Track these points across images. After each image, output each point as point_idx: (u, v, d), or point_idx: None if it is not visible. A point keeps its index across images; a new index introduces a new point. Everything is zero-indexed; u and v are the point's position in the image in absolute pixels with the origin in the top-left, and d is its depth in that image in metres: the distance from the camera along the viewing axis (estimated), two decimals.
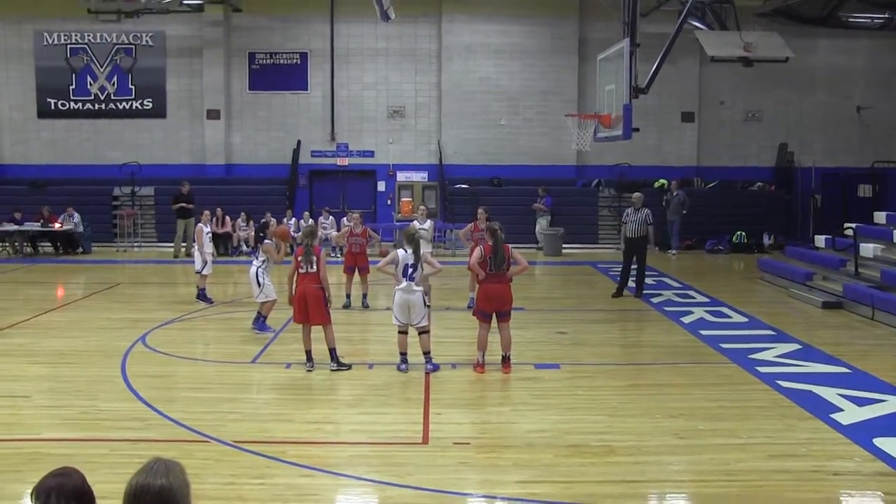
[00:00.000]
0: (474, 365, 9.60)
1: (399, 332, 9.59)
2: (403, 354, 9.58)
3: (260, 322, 11.68)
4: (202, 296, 13.93)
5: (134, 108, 24.57)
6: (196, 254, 13.96)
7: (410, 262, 9.42)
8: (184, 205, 20.90)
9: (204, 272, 13.85)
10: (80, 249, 21.89)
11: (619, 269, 15.31)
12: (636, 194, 15.20)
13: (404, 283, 9.43)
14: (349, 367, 9.61)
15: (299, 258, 9.59)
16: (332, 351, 9.57)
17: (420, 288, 9.47)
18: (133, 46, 24.47)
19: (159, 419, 7.73)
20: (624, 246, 15.07)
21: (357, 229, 13.92)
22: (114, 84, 24.50)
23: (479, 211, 13.73)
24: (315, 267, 9.48)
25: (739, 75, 22.97)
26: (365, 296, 13.83)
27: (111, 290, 15.73)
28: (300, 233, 20.09)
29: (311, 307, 9.44)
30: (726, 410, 8.10)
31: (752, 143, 24.86)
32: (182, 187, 21.15)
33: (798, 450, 6.99)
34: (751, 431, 7.42)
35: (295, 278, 9.62)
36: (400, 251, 9.56)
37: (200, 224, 13.99)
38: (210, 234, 14.25)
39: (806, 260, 16.69)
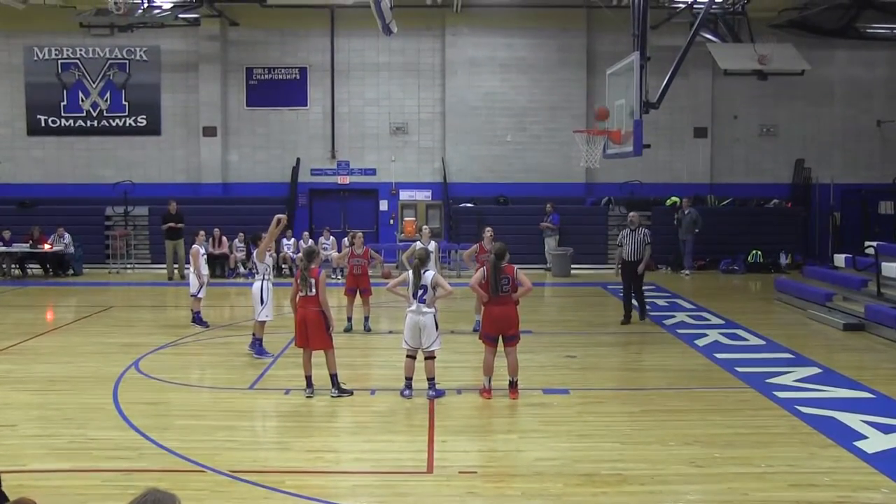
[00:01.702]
0: (480, 390, 9.58)
1: (407, 356, 9.60)
2: (409, 380, 9.57)
3: (257, 346, 11.67)
4: (197, 319, 13.94)
5: (127, 124, 24.72)
6: (191, 276, 13.98)
7: (422, 282, 9.47)
8: (172, 225, 20.96)
9: (199, 295, 13.88)
10: (71, 271, 21.95)
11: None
12: (632, 214, 14.92)
13: (415, 305, 9.46)
14: (351, 393, 9.60)
15: (298, 281, 9.60)
16: (334, 377, 9.56)
17: (431, 310, 9.49)
18: (127, 61, 24.66)
19: (153, 448, 7.70)
20: (620, 269, 14.62)
21: (358, 250, 13.94)
22: (107, 100, 24.67)
23: (486, 231, 13.75)
24: (314, 290, 9.47)
25: (754, 89, 23.03)
26: (367, 318, 13.83)
27: (103, 314, 15.74)
28: (299, 254, 20.12)
29: (311, 332, 9.44)
30: (744, 437, 8.05)
31: (768, 158, 24.89)
32: (169, 206, 21.21)
33: (820, 479, 6.93)
34: (770, 459, 7.38)
35: (297, 301, 9.63)
36: (412, 273, 9.58)
37: (196, 245, 14.01)
38: (206, 256, 14.28)
39: (825, 280, 16.65)
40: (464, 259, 15.33)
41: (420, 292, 9.46)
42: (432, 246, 13.65)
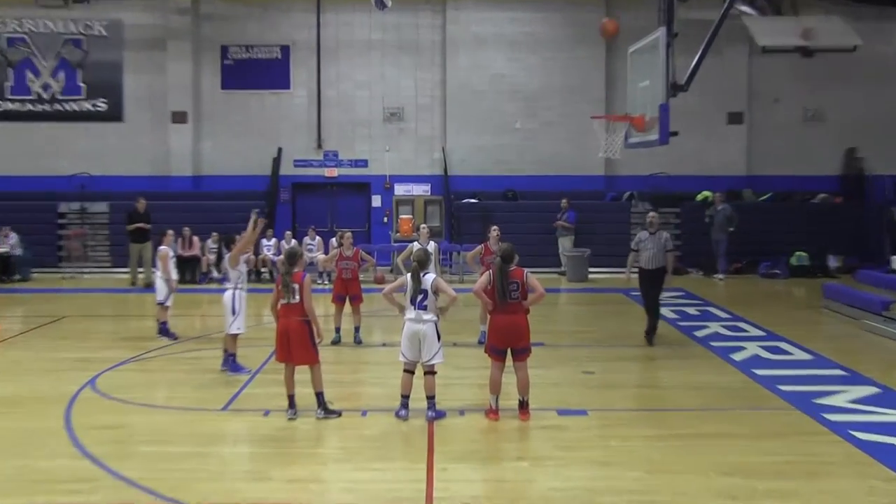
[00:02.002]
0: (486, 411, 9.54)
1: (404, 371, 9.57)
2: (405, 398, 9.52)
3: (231, 362, 11.61)
4: (164, 331, 13.88)
5: (85, 109, 24.71)
6: (159, 282, 13.92)
7: (422, 286, 9.46)
8: (142, 225, 20.87)
9: (167, 303, 13.83)
10: (17, 276, 21.88)
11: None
12: (651, 214, 14.24)
13: (413, 312, 9.43)
14: (339, 414, 9.55)
15: (280, 287, 9.54)
16: (319, 395, 9.52)
17: (432, 317, 9.47)
18: (83, 37, 24.65)
19: (111, 479, 7.63)
20: (639, 278, 13.83)
21: (348, 252, 13.90)
22: (60, 81, 24.67)
23: (492, 230, 13.71)
24: (297, 297, 9.41)
25: (797, 68, 22.99)
26: (357, 329, 13.79)
27: (54, 325, 15.69)
28: (280, 256, 20.05)
29: (293, 344, 9.40)
30: (790, 467, 7.99)
31: (813, 147, 24.85)
32: (137, 204, 21.10)
33: None
34: (821, 494, 7.32)
35: (278, 309, 9.59)
36: (410, 275, 9.53)
37: (165, 247, 13.95)
38: (175, 259, 14.22)
39: (881, 285, 16.54)
40: (467, 262, 15.29)
41: (420, 297, 9.40)
42: (431, 246, 13.60)
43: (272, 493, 7.40)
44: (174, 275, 13.98)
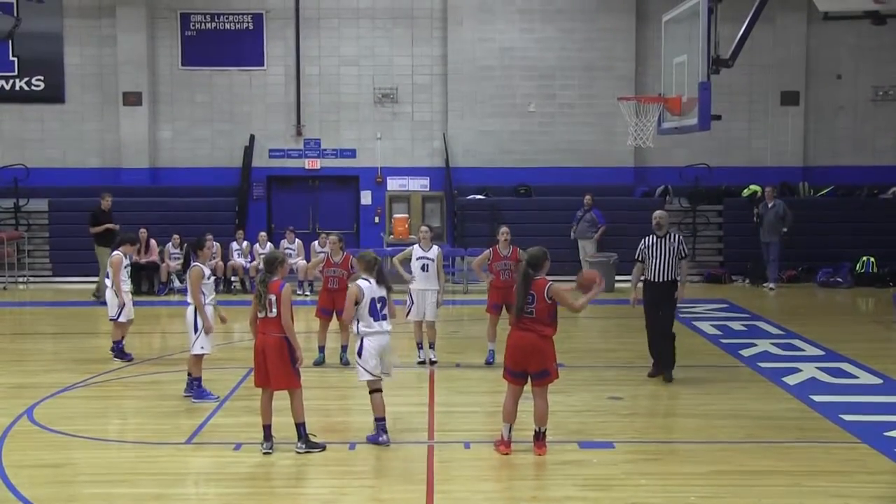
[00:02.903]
0: (497, 442, 9.58)
1: (374, 391, 9.81)
2: (382, 420, 9.83)
3: (196, 386, 11.67)
4: (118, 351, 13.96)
5: (18, 89, 24.79)
6: (109, 294, 14.00)
7: (377, 294, 9.69)
8: (110, 226, 20.77)
9: (121, 319, 13.91)
10: None
11: (691, 312, 15.03)
12: (658, 213, 13.41)
13: (375, 325, 9.68)
14: (323, 447, 9.60)
15: (255, 300, 9.66)
16: (301, 427, 9.56)
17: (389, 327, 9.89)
18: (14, 2, 24.68)
19: None
20: (644, 295, 13.04)
21: (336, 257, 13.90)
22: None
23: (501, 232, 13.76)
24: (274, 310, 9.49)
25: (866, 38, 23.12)
26: (344, 349, 13.80)
27: None
28: (254, 262, 20.10)
29: (271, 365, 9.45)
30: None
31: (885, 132, 24.92)
32: (102, 201, 20.91)
33: None
34: None
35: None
36: (362, 283, 9.67)
37: (118, 252, 14.00)
38: (129, 267, 14.28)
39: None
40: (473, 268, 15.32)
41: (380, 306, 9.75)
42: (434, 252, 13.59)
43: None
44: (126, 286, 14.04)
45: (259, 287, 9.58)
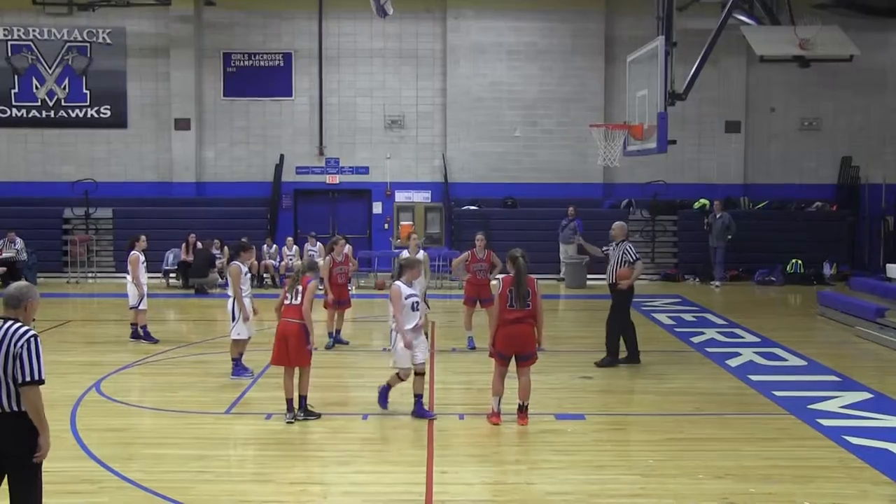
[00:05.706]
0: (488, 414, 9.59)
1: (417, 374, 9.72)
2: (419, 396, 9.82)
3: (234, 365, 11.70)
4: (143, 334, 14.19)
5: (89, 116, 24.76)
6: (130, 286, 14.15)
7: (413, 291, 9.68)
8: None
9: (141, 307, 14.10)
10: (24, 281, 21.81)
11: (650, 305, 15.10)
12: (615, 225, 13.26)
13: (418, 320, 9.65)
14: (318, 415, 9.72)
15: (287, 288, 9.83)
16: (303, 398, 9.72)
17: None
18: (88, 44, 24.71)
19: (115, 481, 7.71)
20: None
21: (339, 257, 14.05)
22: (65, 88, 24.72)
23: (478, 238, 13.82)
24: (299, 298, 9.56)
25: (794, 77, 23.06)
26: (339, 332, 13.94)
27: (59, 329, 15.73)
28: (283, 262, 20.09)
29: (292, 345, 9.54)
30: (783, 470, 8.04)
31: (810, 156, 24.89)
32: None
33: None
34: (814, 497, 7.37)
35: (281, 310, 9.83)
36: (401, 285, 9.62)
37: (136, 252, 14.14)
38: (145, 263, 14.38)
39: (876, 293, 16.61)
40: (452, 268, 15.29)
41: (416, 302, 9.75)
42: (421, 256, 13.64)
43: (274, 495, 7.46)
44: (143, 279, 14.17)
45: (294, 276, 9.84)
